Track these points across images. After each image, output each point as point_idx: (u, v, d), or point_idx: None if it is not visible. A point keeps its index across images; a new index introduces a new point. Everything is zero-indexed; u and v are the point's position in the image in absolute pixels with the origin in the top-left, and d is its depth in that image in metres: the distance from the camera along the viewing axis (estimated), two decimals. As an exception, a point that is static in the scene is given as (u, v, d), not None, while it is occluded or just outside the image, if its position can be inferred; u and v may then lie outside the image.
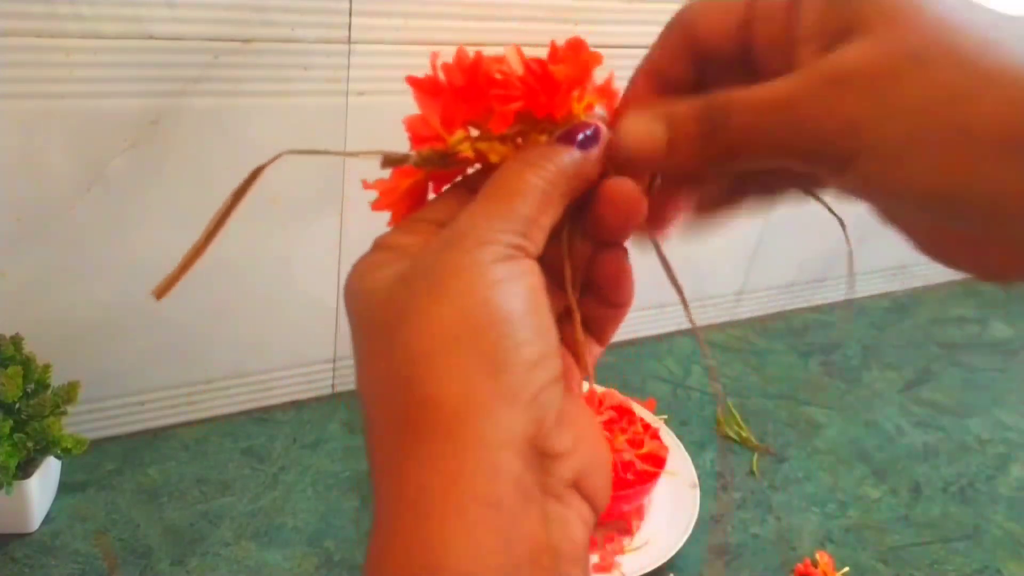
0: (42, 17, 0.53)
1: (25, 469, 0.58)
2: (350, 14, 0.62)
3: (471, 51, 0.26)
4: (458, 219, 0.24)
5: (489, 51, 0.26)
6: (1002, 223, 0.21)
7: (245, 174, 0.28)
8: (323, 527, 0.66)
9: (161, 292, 0.28)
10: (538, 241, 0.24)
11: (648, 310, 0.96)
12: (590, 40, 0.27)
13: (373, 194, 0.29)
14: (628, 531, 0.68)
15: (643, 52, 0.29)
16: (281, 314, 0.73)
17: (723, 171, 0.27)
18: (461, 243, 0.23)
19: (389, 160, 0.28)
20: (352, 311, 0.25)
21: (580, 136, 0.25)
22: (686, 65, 0.27)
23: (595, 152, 0.25)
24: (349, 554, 0.63)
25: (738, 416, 0.84)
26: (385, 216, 0.30)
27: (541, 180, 0.24)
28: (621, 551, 0.66)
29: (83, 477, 0.66)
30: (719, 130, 0.24)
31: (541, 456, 0.22)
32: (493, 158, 0.26)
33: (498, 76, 0.26)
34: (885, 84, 0.21)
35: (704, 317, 1.02)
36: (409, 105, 0.28)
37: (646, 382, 0.90)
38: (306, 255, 0.71)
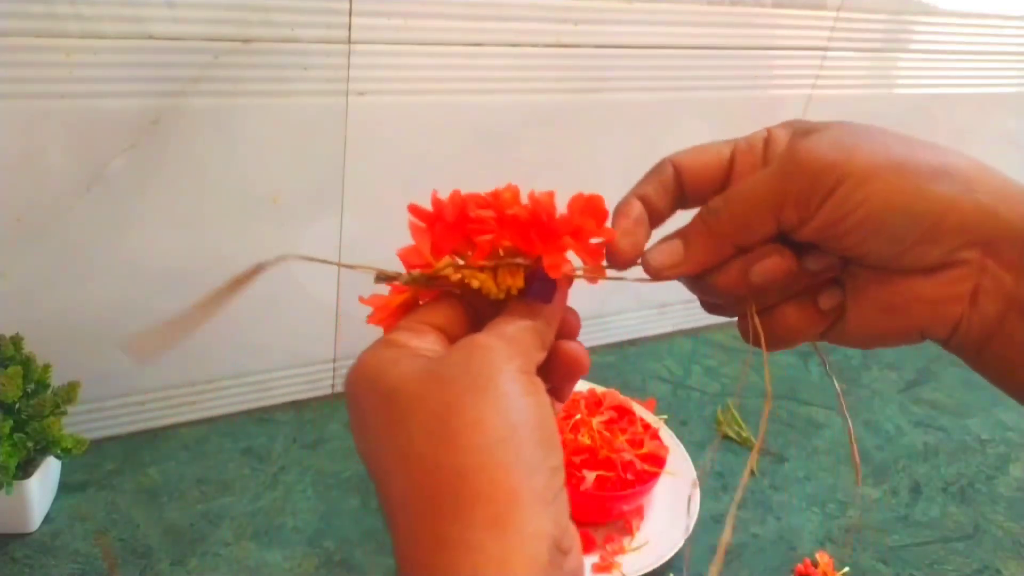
0: (42, 17, 0.53)
1: (25, 469, 0.58)
2: (350, 14, 0.62)
3: (463, 191, 0.32)
4: (479, 337, 0.29)
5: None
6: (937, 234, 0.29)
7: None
8: (323, 527, 0.66)
9: (139, 352, 0.31)
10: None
11: (648, 310, 0.96)
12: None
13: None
14: (628, 531, 0.68)
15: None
16: (281, 314, 0.73)
17: (735, 260, 0.33)
18: (492, 354, 0.28)
19: (382, 276, 0.32)
20: (369, 398, 0.28)
21: (547, 285, 0.31)
22: (669, 201, 0.34)
23: (561, 298, 0.32)
24: (349, 554, 0.63)
25: (738, 416, 0.84)
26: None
27: (538, 329, 0.30)
28: (621, 551, 0.66)
29: (83, 477, 0.66)
30: (716, 217, 0.32)
31: (559, 551, 0.26)
32: (474, 284, 0.31)
33: (486, 214, 0.31)
34: (847, 137, 0.30)
35: (705, 317, 1.02)
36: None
37: (646, 382, 0.90)
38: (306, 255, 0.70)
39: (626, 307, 0.94)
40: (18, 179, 0.57)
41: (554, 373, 0.32)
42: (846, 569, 0.68)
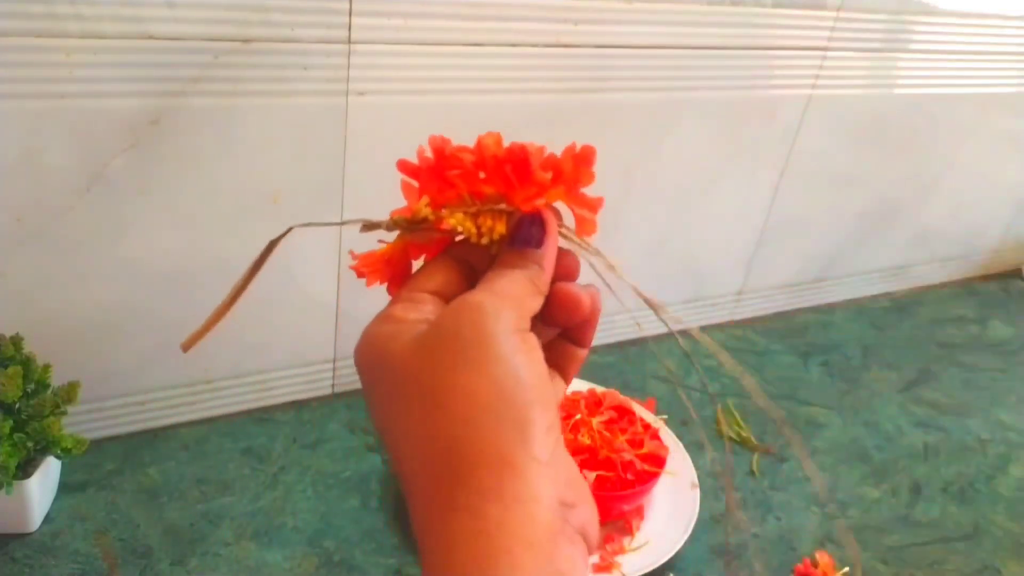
0: (42, 17, 0.53)
1: (25, 469, 0.58)
2: (350, 14, 0.62)
3: (444, 138, 0.32)
4: (469, 296, 0.29)
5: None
6: None
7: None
8: (323, 527, 0.66)
9: (188, 346, 0.34)
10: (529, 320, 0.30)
11: (648, 310, 0.96)
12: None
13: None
14: (628, 531, 0.68)
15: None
16: (281, 314, 0.73)
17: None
18: (481, 315, 0.28)
19: (367, 225, 0.33)
20: (372, 376, 0.30)
21: (532, 229, 0.31)
22: None
23: (551, 240, 0.32)
24: (349, 554, 0.64)
25: (738, 416, 0.84)
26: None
27: (531, 276, 0.31)
28: (621, 551, 0.66)
29: (83, 477, 0.66)
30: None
31: (561, 506, 0.27)
32: (452, 223, 0.31)
33: (465, 155, 0.31)
34: None
35: (704, 317, 1.02)
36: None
37: (646, 382, 0.90)
38: (306, 255, 0.71)
39: (626, 306, 0.94)
40: (18, 179, 0.57)
41: (553, 318, 0.32)
42: (846, 569, 0.68)
